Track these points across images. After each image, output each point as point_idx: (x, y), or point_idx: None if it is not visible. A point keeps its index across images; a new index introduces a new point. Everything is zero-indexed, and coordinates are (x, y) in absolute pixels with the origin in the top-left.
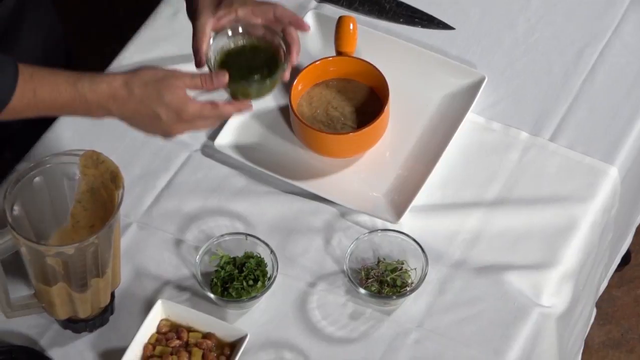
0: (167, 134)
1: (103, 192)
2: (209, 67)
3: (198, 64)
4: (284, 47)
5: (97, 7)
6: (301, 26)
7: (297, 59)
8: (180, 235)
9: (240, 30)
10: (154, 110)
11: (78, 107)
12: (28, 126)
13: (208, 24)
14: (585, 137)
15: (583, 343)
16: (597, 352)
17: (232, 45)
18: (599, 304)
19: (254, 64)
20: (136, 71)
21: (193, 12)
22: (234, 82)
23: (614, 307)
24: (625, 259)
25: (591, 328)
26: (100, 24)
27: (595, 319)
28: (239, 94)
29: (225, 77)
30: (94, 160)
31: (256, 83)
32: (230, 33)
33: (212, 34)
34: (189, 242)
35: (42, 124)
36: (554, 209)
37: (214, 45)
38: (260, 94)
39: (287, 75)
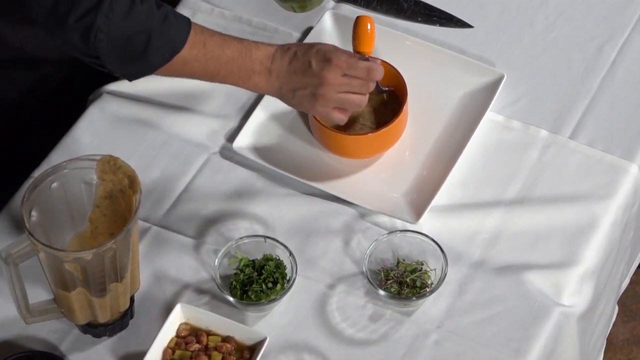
0: (319, 92)
1: (121, 200)
2: None
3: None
4: None
5: None
6: None
7: None
8: (199, 238)
9: None
10: (304, 58)
11: (242, 62)
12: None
13: None
14: (606, 134)
15: (605, 342)
16: (621, 349)
17: None
18: (623, 301)
19: None
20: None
21: None
22: None
23: (639, 303)
24: None
25: (615, 325)
26: None
27: (619, 315)
28: None
29: (380, 71)
30: (112, 166)
31: None
32: None
33: None
34: (208, 245)
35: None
36: (575, 208)
37: None
38: None
39: None
